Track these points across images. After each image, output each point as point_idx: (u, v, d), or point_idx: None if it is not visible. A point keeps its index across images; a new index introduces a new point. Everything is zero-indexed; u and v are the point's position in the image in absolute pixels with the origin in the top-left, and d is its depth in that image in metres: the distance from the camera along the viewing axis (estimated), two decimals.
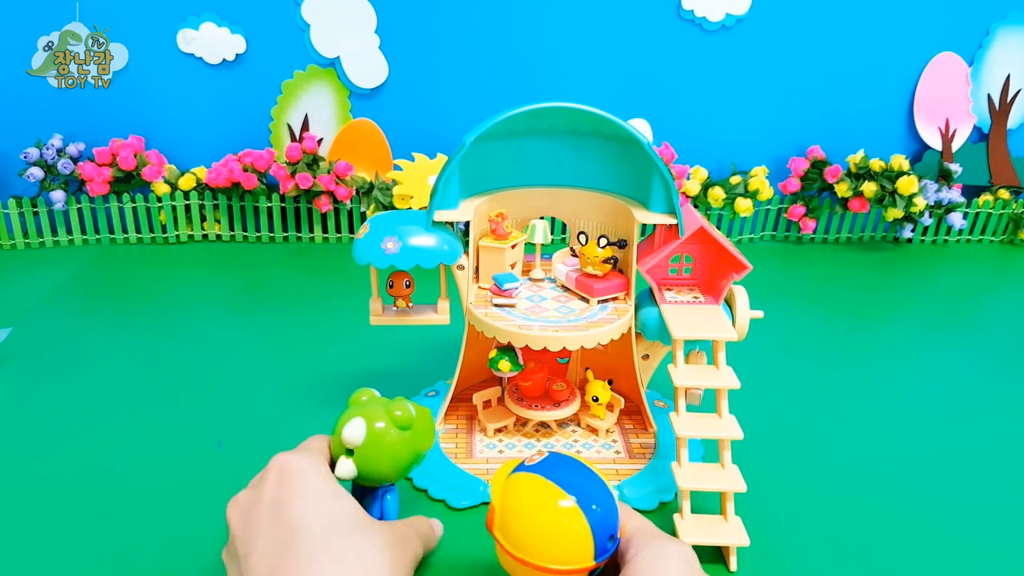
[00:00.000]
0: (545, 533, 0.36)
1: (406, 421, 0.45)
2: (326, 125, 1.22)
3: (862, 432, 0.69)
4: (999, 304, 1.06)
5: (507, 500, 0.38)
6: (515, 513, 0.37)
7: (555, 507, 0.37)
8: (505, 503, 0.38)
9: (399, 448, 0.45)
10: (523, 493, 0.38)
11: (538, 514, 0.37)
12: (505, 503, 0.38)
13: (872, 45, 1.26)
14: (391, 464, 0.45)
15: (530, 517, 0.37)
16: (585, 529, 0.36)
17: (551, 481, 0.37)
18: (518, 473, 0.39)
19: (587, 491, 0.37)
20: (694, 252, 0.60)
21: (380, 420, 0.45)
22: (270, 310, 0.94)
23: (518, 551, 0.36)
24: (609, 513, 0.38)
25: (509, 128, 0.58)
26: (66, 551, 0.51)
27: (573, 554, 0.36)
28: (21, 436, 0.65)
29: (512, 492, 0.38)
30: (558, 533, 0.36)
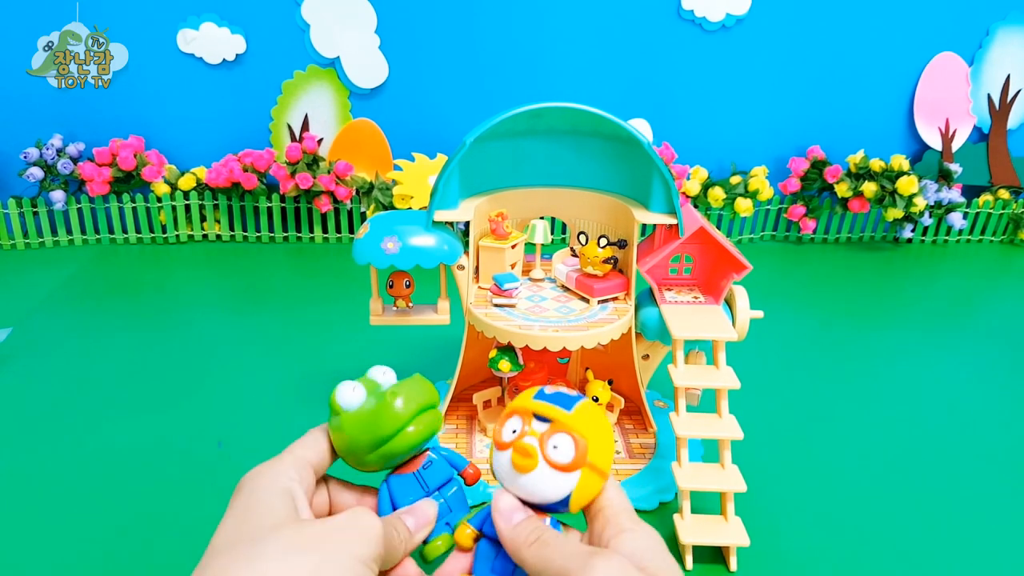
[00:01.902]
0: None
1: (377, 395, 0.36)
2: (326, 125, 1.22)
3: (862, 432, 0.69)
4: (999, 304, 1.06)
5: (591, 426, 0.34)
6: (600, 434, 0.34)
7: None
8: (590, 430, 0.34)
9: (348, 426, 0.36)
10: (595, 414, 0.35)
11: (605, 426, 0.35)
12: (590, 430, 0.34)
13: (872, 45, 1.26)
14: (340, 443, 0.36)
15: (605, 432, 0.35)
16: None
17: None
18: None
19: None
20: (694, 252, 0.60)
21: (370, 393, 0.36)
22: (270, 310, 0.94)
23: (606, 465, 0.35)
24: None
25: (509, 128, 0.58)
26: (66, 551, 0.51)
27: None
28: (21, 436, 0.65)
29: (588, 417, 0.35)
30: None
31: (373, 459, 0.35)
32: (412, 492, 0.37)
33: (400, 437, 0.35)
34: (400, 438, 0.35)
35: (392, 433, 0.35)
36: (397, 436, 0.35)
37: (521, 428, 0.34)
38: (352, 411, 0.35)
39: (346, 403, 0.35)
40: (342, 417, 0.35)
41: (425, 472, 0.38)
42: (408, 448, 0.36)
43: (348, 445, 0.35)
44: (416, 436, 0.36)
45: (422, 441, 0.36)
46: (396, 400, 0.35)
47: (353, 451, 0.35)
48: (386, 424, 0.35)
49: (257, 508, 0.31)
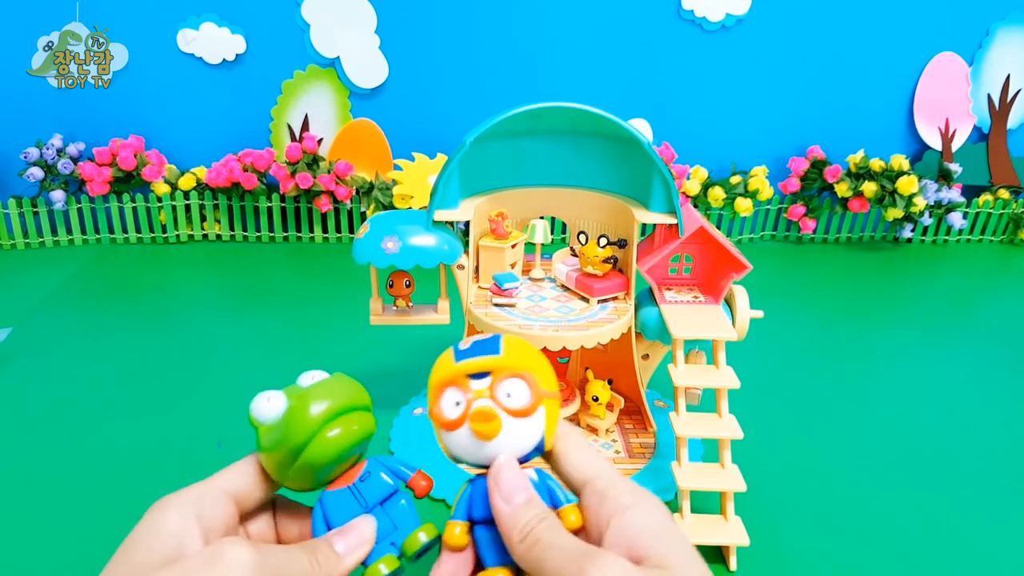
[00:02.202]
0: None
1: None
2: (326, 125, 1.22)
3: (862, 431, 0.69)
4: (999, 304, 1.06)
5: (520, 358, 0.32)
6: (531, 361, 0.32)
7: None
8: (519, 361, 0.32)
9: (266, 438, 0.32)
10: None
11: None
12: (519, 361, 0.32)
13: (872, 45, 1.26)
14: (265, 461, 0.32)
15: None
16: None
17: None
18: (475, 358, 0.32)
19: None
20: (694, 252, 0.60)
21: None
22: (270, 310, 0.94)
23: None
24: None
25: (509, 128, 0.58)
26: (66, 550, 0.51)
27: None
28: (21, 436, 0.65)
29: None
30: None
31: (294, 474, 0.31)
32: (349, 509, 0.32)
33: (316, 444, 0.30)
34: (317, 445, 0.30)
35: (305, 440, 0.30)
36: (312, 442, 0.30)
37: (463, 397, 0.31)
38: (268, 423, 0.31)
39: (262, 416, 0.31)
40: (259, 431, 0.31)
41: (362, 485, 0.32)
42: (331, 457, 0.31)
43: (268, 461, 0.31)
44: (338, 441, 0.30)
45: (348, 448, 0.31)
46: (307, 401, 0.30)
47: (274, 468, 0.31)
48: (298, 430, 0.30)
49: (136, 546, 0.28)
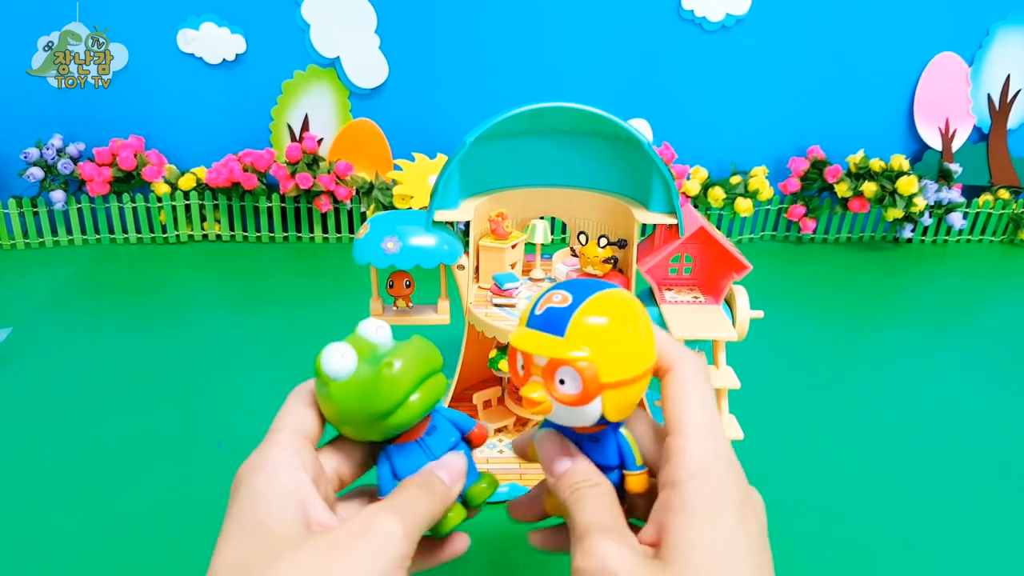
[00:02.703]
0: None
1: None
2: (326, 125, 1.22)
3: (862, 432, 0.69)
4: (999, 304, 1.06)
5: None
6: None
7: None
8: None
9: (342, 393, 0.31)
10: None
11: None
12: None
13: (872, 45, 1.26)
14: (331, 413, 0.31)
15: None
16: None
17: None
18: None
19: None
20: (694, 252, 0.60)
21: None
22: (270, 310, 0.94)
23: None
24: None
25: (509, 128, 0.58)
26: (66, 550, 0.51)
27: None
28: (21, 435, 0.65)
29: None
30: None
31: (371, 432, 0.31)
32: (416, 460, 0.32)
33: (402, 410, 0.30)
34: (402, 411, 0.30)
35: (392, 407, 0.30)
36: (399, 410, 0.30)
37: (525, 364, 0.29)
38: (342, 381, 0.30)
39: (334, 372, 0.30)
40: (331, 387, 0.30)
41: (429, 439, 0.33)
42: (411, 420, 0.31)
43: (341, 417, 0.31)
44: (419, 406, 0.30)
45: (425, 411, 0.31)
46: (395, 370, 0.29)
47: (347, 423, 0.31)
48: (385, 397, 0.29)
49: (260, 520, 0.26)
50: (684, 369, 0.29)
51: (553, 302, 0.29)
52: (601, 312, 0.28)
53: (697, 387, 0.29)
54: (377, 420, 0.30)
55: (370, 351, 0.31)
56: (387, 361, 0.29)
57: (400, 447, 0.32)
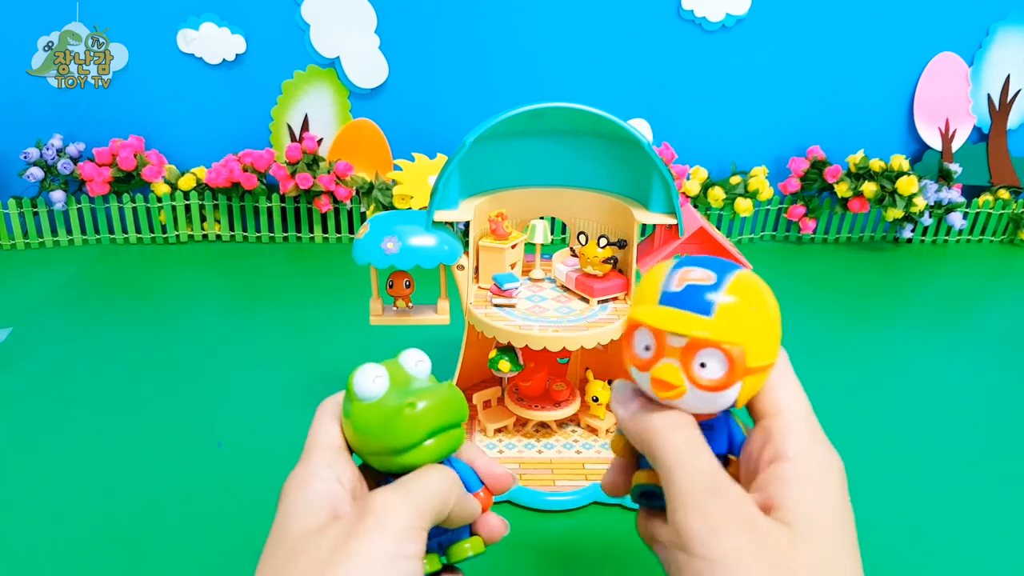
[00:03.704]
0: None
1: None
2: (326, 125, 1.22)
3: (861, 432, 0.69)
4: (999, 304, 1.06)
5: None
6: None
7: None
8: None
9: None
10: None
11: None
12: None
13: (872, 45, 1.26)
14: (347, 431, 0.31)
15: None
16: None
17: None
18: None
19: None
20: (694, 252, 0.60)
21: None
22: (270, 310, 0.94)
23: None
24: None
25: (509, 128, 0.58)
26: (65, 551, 0.51)
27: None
28: (21, 435, 0.65)
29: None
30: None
31: (378, 461, 0.31)
32: None
33: (414, 452, 0.30)
34: (414, 453, 0.30)
35: (405, 446, 0.29)
36: (411, 451, 0.30)
37: (655, 345, 0.27)
38: (367, 403, 0.30)
39: (362, 392, 0.30)
40: (354, 406, 0.30)
41: None
42: (420, 464, 0.30)
43: (354, 438, 0.31)
44: (431, 453, 0.30)
45: (437, 459, 0.31)
46: (416, 411, 0.29)
47: (358, 446, 0.31)
48: (400, 434, 0.29)
49: (293, 530, 0.27)
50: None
51: (692, 278, 0.27)
52: (746, 293, 0.27)
53: (787, 372, 0.30)
54: (387, 454, 0.30)
55: (404, 382, 0.31)
56: (411, 401, 0.29)
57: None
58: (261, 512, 0.54)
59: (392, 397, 0.30)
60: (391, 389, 0.30)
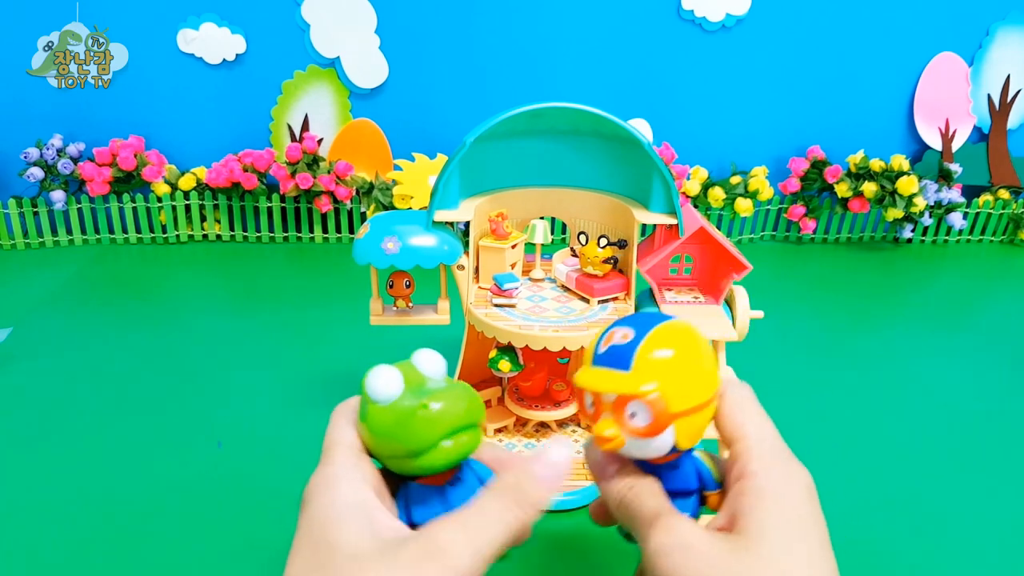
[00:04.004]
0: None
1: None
2: (326, 125, 1.22)
3: (862, 432, 0.69)
4: (999, 304, 1.06)
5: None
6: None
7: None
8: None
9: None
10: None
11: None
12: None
13: (872, 45, 1.26)
14: (363, 433, 0.31)
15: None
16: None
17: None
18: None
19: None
20: (694, 252, 0.60)
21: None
22: (270, 310, 0.94)
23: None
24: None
25: (509, 128, 0.58)
26: (65, 551, 0.51)
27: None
28: (21, 435, 0.65)
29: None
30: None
31: (396, 466, 0.30)
32: (432, 507, 0.31)
33: (431, 454, 0.29)
34: (431, 455, 0.29)
35: (421, 448, 0.29)
36: (426, 453, 0.29)
37: (594, 402, 0.29)
38: (382, 405, 0.29)
39: (376, 394, 0.29)
40: (369, 408, 0.30)
41: (452, 489, 0.31)
42: (437, 467, 0.30)
43: (371, 441, 0.30)
44: (450, 455, 0.29)
45: (454, 462, 0.30)
46: (431, 412, 0.29)
47: (375, 449, 0.30)
48: (416, 437, 0.29)
49: (327, 537, 0.26)
50: (733, 390, 0.31)
51: (615, 340, 0.29)
52: (664, 344, 0.29)
53: (750, 401, 0.31)
54: (404, 456, 0.29)
55: (419, 383, 0.30)
56: (424, 402, 0.29)
57: (421, 488, 0.31)
58: (261, 512, 0.55)
59: (406, 399, 0.29)
60: (406, 391, 0.30)
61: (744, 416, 0.30)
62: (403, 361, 0.31)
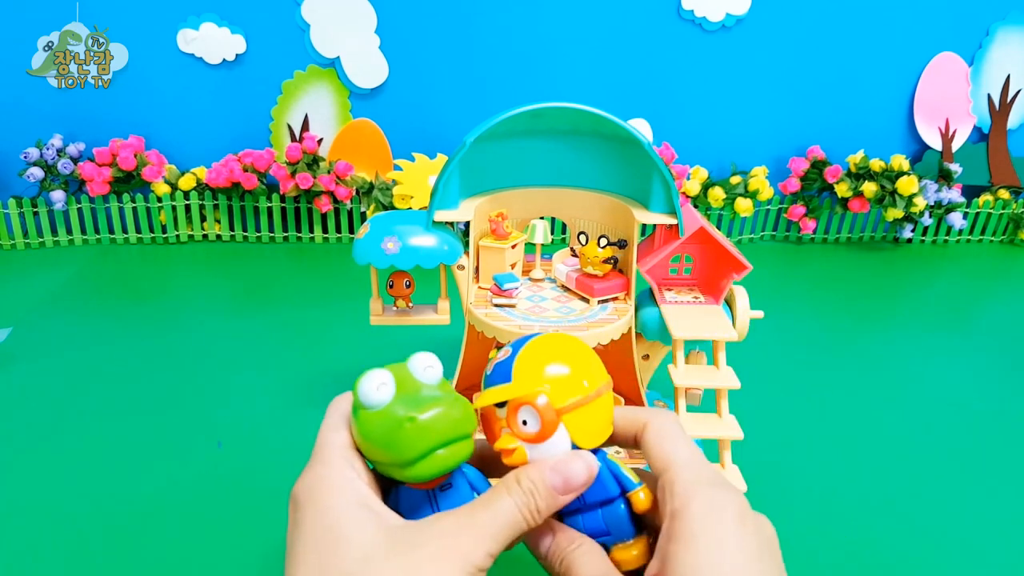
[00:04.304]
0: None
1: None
2: (326, 125, 1.22)
3: (862, 432, 0.69)
4: (999, 304, 1.06)
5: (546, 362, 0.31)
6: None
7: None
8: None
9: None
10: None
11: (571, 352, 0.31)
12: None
13: (872, 45, 1.26)
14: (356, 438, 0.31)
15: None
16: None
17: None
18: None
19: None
20: (694, 252, 0.60)
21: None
22: (270, 310, 0.94)
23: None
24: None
25: (509, 128, 0.58)
26: (66, 551, 0.51)
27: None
28: (21, 435, 0.65)
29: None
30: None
31: (383, 468, 0.30)
32: (422, 512, 0.31)
33: (420, 464, 0.29)
34: (420, 465, 0.29)
35: (409, 460, 0.29)
36: (417, 463, 0.29)
37: (493, 424, 0.31)
38: (372, 411, 0.29)
39: (367, 400, 0.29)
40: (360, 414, 0.29)
41: (441, 494, 0.31)
42: (426, 477, 0.29)
43: (362, 444, 0.30)
44: (442, 464, 0.29)
45: (443, 472, 0.30)
46: (419, 425, 0.28)
47: (366, 453, 0.30)
48: (404, 448, 0.28)
49: (335, 533, 0.26)
50: (658, 420, 0.31)
51: (497, 359, 0.32)
52: (537, 351, 0.31)
53: (675, 430, 0.31)
54: (396, 463, 0.29)
55: (412, 389, 0.30)
56: (411, 416, 0.28)
57: (411, 492, 0.31)
58: (261, 511, 0.55)
59: (396, 407, 0.29)
60: (397, 397, 0.29)
61: (669, 444, 0.30)
62: (398, 363, 0.31)
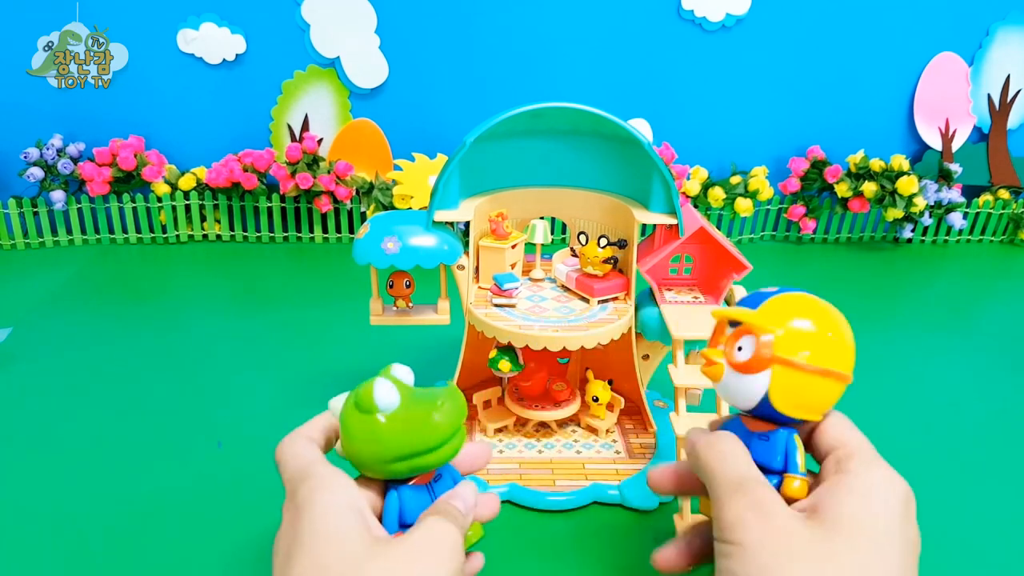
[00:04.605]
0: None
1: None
2: (326, 125, 1.22)
3: (861, 431, 0.69)
4: (999, 304, 1.06)
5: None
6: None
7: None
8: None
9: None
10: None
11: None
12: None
13: (872, 45, 1.26)
14: (364, 445, 0.34)
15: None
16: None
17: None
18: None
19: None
20: (694, 252, 0.60)
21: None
22: (270, 310, 0.94)
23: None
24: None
25: (509, 128, 0.58)
26: (65, 551, 0.51)
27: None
28: (20, 436, 0.65)
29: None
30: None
31: (397, 468, 0.33)
32: (423, 503, 0.35)
33: (438, 452, 0.33)
34: (438, 454, 0.33)
35: (432, 447, 0.33)
36: (436, 451, 0.33)
37: (715, 331, 0.34)
38: (390, 412, 0.32)
39: (385, 404, 0.32)
40: (371, 418, 0.33)
41: (436, 485, 0.36)
42: (451, 455, 0.34)
43: (370, 450, 0.33)
44: (459, 442, 0.34)
45: (459, 449, 0.34)
46: (442, 414, 0.33)
47: (380, 456, 0.33)
48: (434, 434, 0.32)
49: (334, 531, 0.29)
50: (833, 413, 0.36)
51: (767, 289, 0.34)
52: (803, 305, 0.33)
53: (849, 423, 0.35)
54: (411, 457, 0.33)
55: (408, 391, 0.34)
56: (441, 404, 0.33)
57: (413, 488, 0.35)
58: (261, 512, 0.54)
59: (412, 404, 0.33)
60: (404, 398, 0.33)
61: (846, 430, 0.34)
62: (385, 372, 0.35)
